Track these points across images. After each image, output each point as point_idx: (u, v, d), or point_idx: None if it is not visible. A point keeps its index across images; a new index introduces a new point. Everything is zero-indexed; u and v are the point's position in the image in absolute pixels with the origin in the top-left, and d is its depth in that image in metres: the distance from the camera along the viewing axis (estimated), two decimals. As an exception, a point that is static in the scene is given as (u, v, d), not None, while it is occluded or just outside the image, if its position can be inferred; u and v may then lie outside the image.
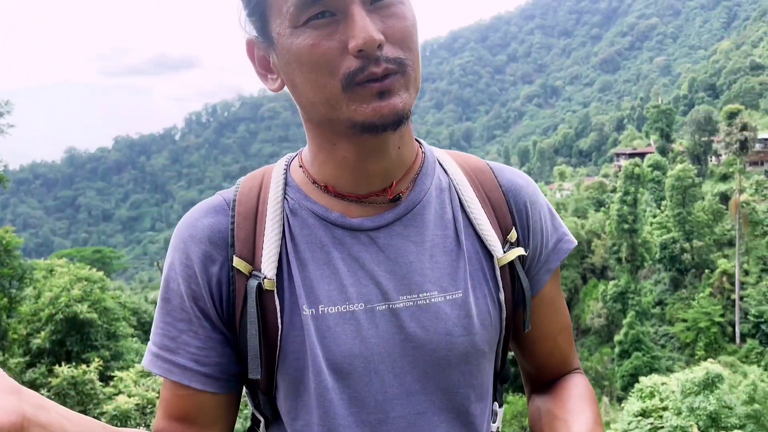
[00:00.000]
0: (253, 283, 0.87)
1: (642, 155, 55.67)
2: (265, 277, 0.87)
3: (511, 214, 0.98)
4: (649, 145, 65.20)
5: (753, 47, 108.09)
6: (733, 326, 35.64)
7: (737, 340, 35.31)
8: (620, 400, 25.97)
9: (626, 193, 42.55)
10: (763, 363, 29.58)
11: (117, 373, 13.08)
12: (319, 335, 0.87)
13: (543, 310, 1.03)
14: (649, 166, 49.10)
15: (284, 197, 0.93)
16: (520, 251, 0.96)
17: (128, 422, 10.85)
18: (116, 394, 12.08)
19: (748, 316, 35.29)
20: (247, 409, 1.10)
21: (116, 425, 1.69)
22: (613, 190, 49.40)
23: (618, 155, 68.56)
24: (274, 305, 0.87)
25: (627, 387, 29.47)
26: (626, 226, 41.91)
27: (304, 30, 0.80)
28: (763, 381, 20.27)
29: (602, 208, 50.10)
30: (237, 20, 0.91)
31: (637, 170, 43.78)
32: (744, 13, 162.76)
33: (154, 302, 11.33)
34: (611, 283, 41.69)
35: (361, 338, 0.87)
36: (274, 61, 0.88)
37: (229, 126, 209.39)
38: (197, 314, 0.90)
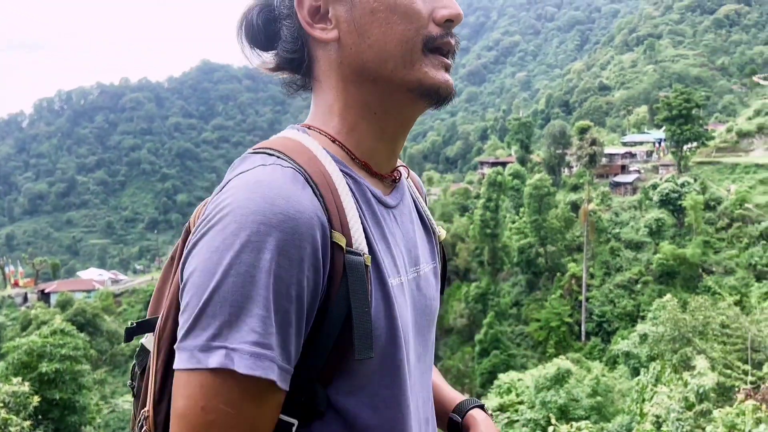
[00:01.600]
0: (356, 259, 0.82)
1: (504, 164, 58.31)
2: (364, 253, 0.84)
3: (422, 195, 1.13)
4: (510, 155, 68.20)
5: (601, 69, 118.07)
6: (580, 325, 38.39)
7: (583, 338, 38.10)
8: (480, 396, 27.13)
9: (489, 199, 44.58)
10: (604, 359, 32.09)
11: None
12: (398, 307, 0.89)
13: None
14: (510, 174, 51.54)
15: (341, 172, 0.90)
16: (444, 232, 1.12)
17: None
18: None
19: (593, 316, 38.23)
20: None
21: None
22: (477, 197, 51.47)
23: (482, 163, 71.20)
24: (369, 282, 0.84)
25: (486, 384, 30.92)
26: (488, 231, 43.94)
27: None
28: (604, 375, 22.00)
29: (467, 213, 52.01)
30: None
31: (499, 178, 46.02)
32: (595, 38, 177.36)
33: None
34: (473, 284, 43.54)
35: (408, 307, 0.93)
36: (336, 13, 0.90)
37: (85, 115, 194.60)
38: (304, 305, 0.79)
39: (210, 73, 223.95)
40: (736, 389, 9.20)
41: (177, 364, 0.76)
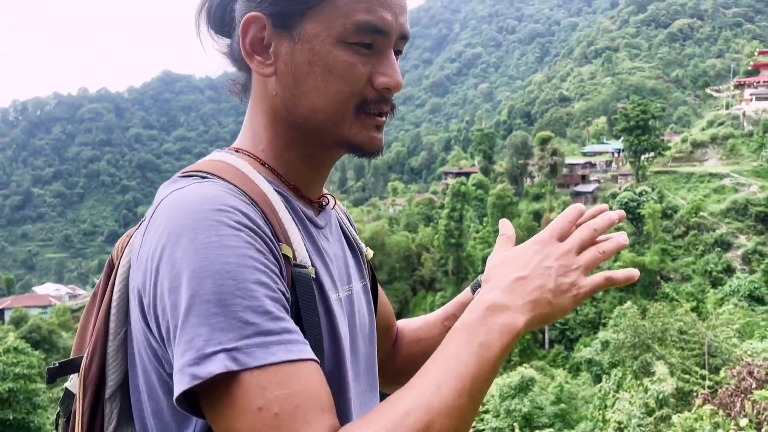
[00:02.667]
0: (303, 271, 0.83)
1: (467, 174, 58.91)
2: (309, 266, 0.85)
3: (349, 221, 1.15)
4: (473, 165, 68.91)
5: (561, 81, 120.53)
6: (543, 333, 38.93)
7: (546, 345, 38.62)
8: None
9: (453, 209, 44.92)
10: (567, 366, 32.52)
11: None
12: (339, 320, 0.90)
13: (382, 297, 1.20)
14: (473, 184, 52.10)
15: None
16: (371, 251, 1.15)
17: None
18: None
19: (555, 324, 38.74)
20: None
21: None
22: (441, 207, 51.82)
23: (446, 174, 71.84)
24: (314, 291, 0.85)
25: (451, 393, 30.90)
26: (453, 241, 44.24)
27: (348, 47, 0.86)
28: (567, 382, 22.27)
29: (431, 223, 52.33)
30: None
31: (463, 188, 46.44)
32: (555, 50, 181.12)
33: None
34: (438, 294, 43.70)
35: (345, 324, 0.93)
36: (277, 50, 0.89)
37: (41, 126, 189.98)
38: (281, 290, 0.76)
39: (171, 83, 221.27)
40: (695, 394, 9.38)
41: (216, 368, 0.67)
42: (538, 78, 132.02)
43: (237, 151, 0.94)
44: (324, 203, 1.01)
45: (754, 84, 55.26)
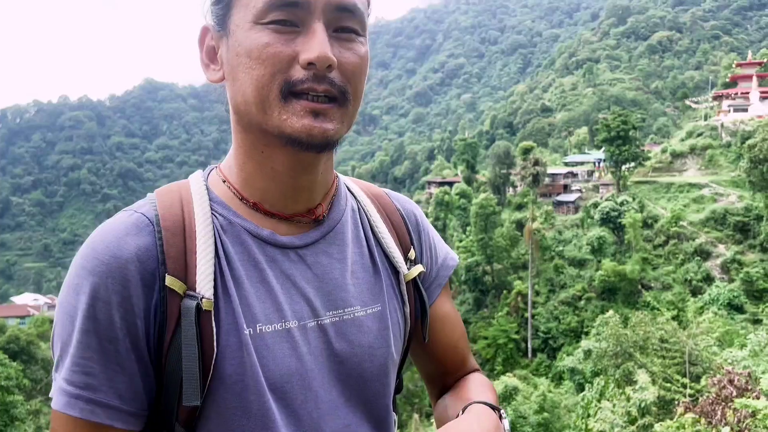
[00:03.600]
0: (190, 303, 0.81)
1: (450, 184, 59.09)
2: (203, 297, 0.82)
3: (409, 234, 1.07)
4: (456, 174, 69.00)
5: (543, 92, 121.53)
6: (526, 342, 38.99)
7: (529, 354, 38.65)
8: (429, 416, 27.08)
9: (437, 218, 45.03)
10: (550, 375, 32.60)
11: None
12: (258, 355, 0.84)
13: (440, 321, 1.09)
14: (456, 194, 52.22)
15: (212, 213, 0.89)
16: (420, 268, 1.04)
17: None
18: None
19: (539, 333, 38.85)
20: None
21: None
22: (425, 216, 51.86)
23: (429, 183, 71.93)
24: (210, 326, 0.82)
25: (435, 403, 30.79)
26: (436, 250, 44.22)
27: (263, 28, 0.81)
28: (550, 391, 22.33)
29: (415, 233, 52.22)
30: (200, 7, 0.91)
31: (446, 198, 46.59)
32: (536, 61, 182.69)
33: None
34: (422, 304, 43.62)
35: (296, 356, 0.87)
36: (221, 53, 0.88)
37: (21, 134, 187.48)
38: (128, 345, 0.81)
39: (154, 91, 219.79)
40: (676, 402, 9.45)
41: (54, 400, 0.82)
42: (521, 88, 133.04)
43: (216, 168, 0.95)
44: (320, 215, 0.95)
45: (732, 95, 56.14)
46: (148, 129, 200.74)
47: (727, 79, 62.42)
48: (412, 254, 1.05)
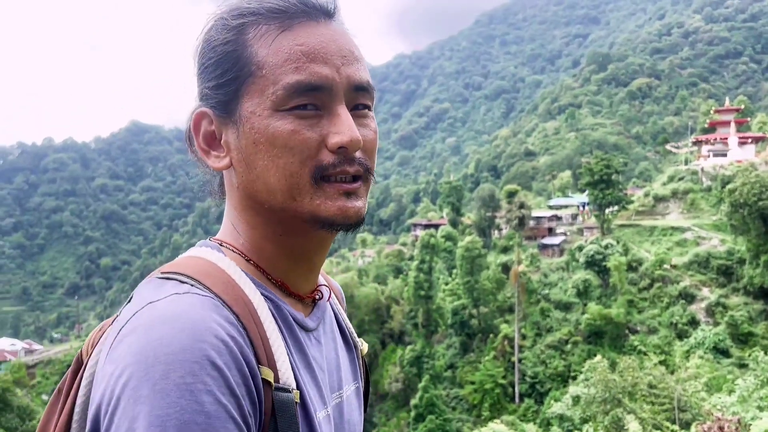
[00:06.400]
0: (285, 396, 0.76)
1: (436, 226, 59.18)
2: (292, 389, 0.78)
3: (344, 309, 1.08)
4: (442, 217, 69.23)
5: (527, 136, 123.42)
6: (513, 386, 38.53)
7: (517, 399, 38.17)
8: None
9: (422, 261, 44.91)
10: (538, 420, 32.13)
11: None
12: None
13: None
14: (442, 236, 52.30)
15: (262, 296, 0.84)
16: (366, 343, 1.06)
17: None
18: None
19: (526, 377, 38.46)
20: None
21: None
22: (411, 258, 51.74)
23: (415, 225, 71.95)
24: (297, 419, 0.77)
25: (422, 451, 30.21)
26: (422, 293, 44.05)
27: (286, 115, 0.79)
28: (539, 438, 21.98)
29: (401, 275, 52.13)
30: (190, 89, 0.88)
31: (432, 240, 46.57)
32: (520, 106, 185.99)
33: None
34: (408, 347, 43.19)
35: None
36: (227, 139, 0.85)
37: (3, 176, 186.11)
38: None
39: (140, 134, 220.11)
40: (667, 450, 9.32)
41: None
42: (504, 133, 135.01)
43: (222, 245, 0.88)
44: (317, 297, 0.93)
45: (711, 141, 57.36)
46: (132, 171, 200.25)
47: (706, 125, 63.82)
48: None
